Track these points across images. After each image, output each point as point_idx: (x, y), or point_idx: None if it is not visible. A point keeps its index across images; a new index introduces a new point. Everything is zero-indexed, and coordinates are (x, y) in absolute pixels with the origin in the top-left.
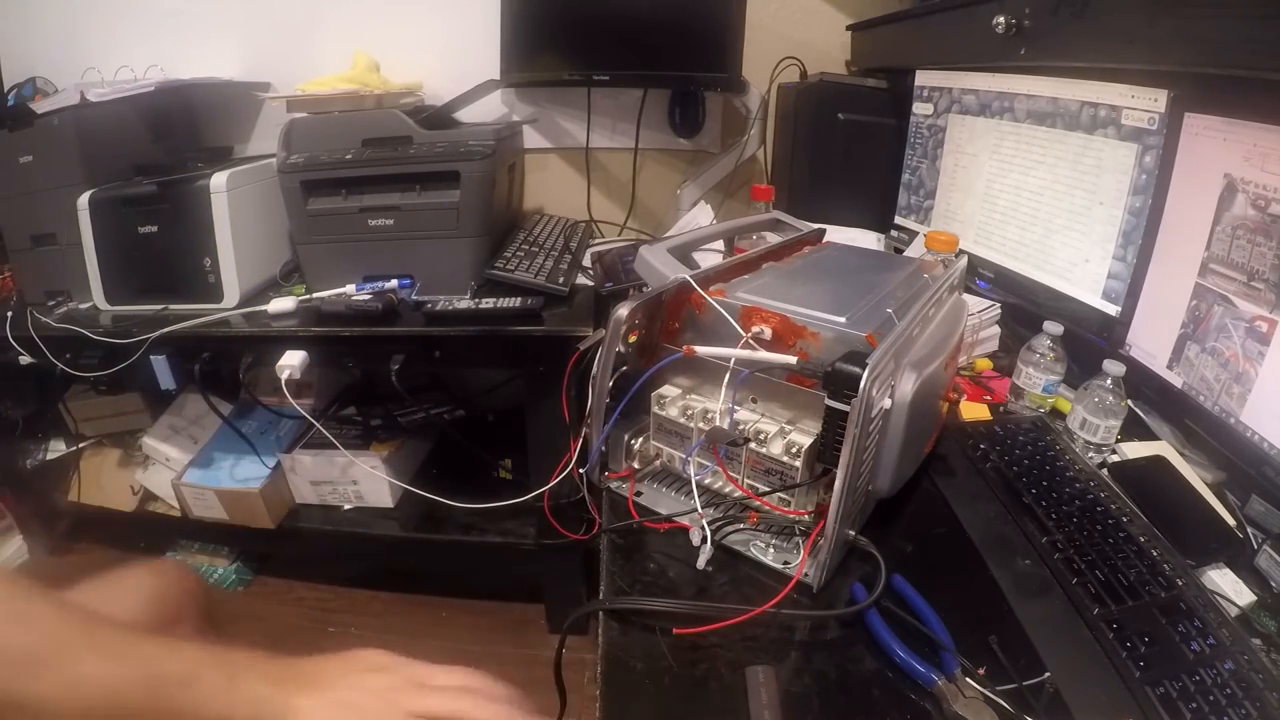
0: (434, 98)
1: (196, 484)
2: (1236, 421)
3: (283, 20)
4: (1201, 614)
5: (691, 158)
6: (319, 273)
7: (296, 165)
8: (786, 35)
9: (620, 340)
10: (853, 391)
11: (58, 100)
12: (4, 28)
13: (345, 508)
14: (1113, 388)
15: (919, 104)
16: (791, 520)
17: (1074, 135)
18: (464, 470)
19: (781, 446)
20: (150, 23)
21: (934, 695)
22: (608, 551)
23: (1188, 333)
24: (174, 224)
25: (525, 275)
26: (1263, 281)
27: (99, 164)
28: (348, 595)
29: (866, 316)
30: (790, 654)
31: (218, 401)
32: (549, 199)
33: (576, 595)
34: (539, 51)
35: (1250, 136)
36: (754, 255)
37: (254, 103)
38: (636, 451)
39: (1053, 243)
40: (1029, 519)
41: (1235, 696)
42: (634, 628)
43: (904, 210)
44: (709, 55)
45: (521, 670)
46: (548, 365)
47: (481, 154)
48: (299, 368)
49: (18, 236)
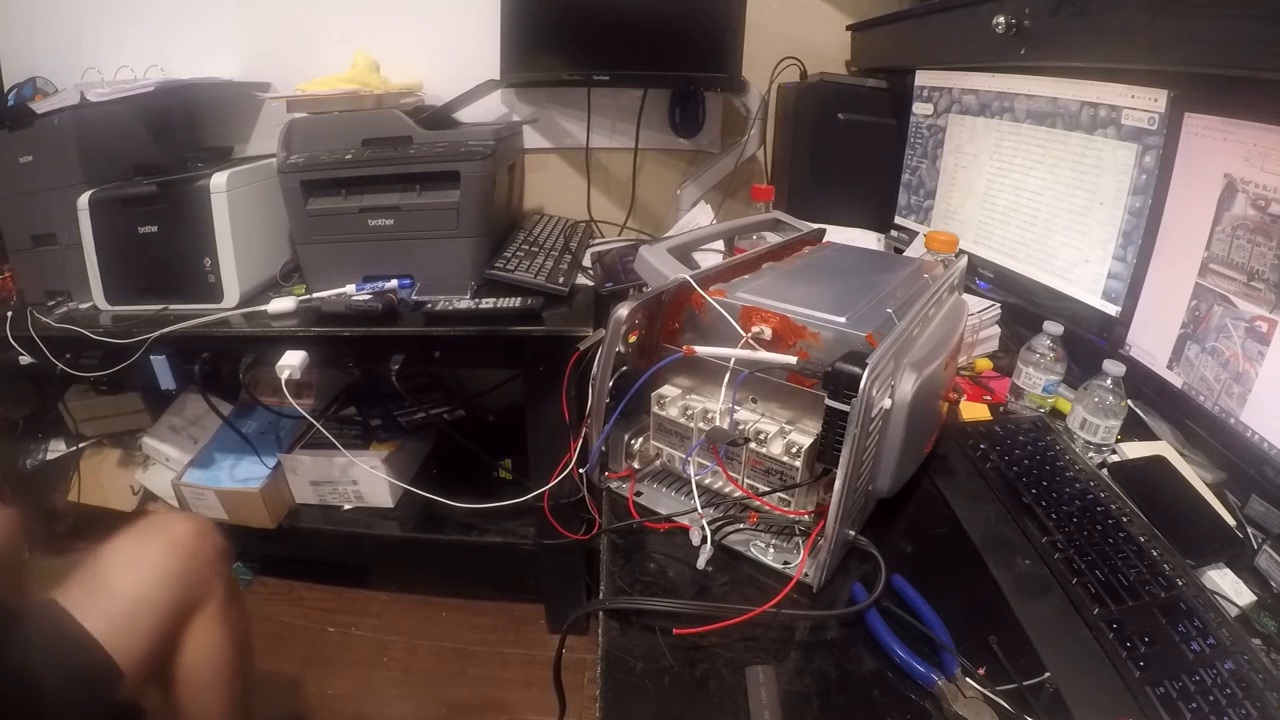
0: (434, 98)
1: (196, 484)
2: (1236, 421)
3: (283, 20)
4: (1201, 614)
5: (691, 158)
6: (319, 273)
7: (296, 165)
8: (786, 35)
9: (620, 340)
10: (853, 391)
11: (58, 100)
12: (4, 28)
13: (345, 508)
14: (1113, 388)
15: (919, 104)
16: (791, 520)
17: (1074, 135)
18: (464, 470)
19: (781, 446)
20: (150, 23)
21: (934, 695)
22: (608, 551)
23: (1188, 333)
24: (174, 224)
25: (525, 275)
26: (1263, 281)
27: (99, 164)
28: (348, 595)
29: (866, 316)
30: (790, 654)
31: (218, 401)
32: (549, 199)
33: (576, 595)
34: (539, 51)
35: (1250, 136)
36: (754, 255)
37: (254, 103)
38: (636, 451)
39: (1053, 243)
40: (1029, 519)
41: (1235, 696)
42: (634, 628)
43: (904, 210)
44: (709, 55)
45: (521, 670)
46: (548, 365)
47: (481, 154)
48: (299, 368)
49: (18, 236)
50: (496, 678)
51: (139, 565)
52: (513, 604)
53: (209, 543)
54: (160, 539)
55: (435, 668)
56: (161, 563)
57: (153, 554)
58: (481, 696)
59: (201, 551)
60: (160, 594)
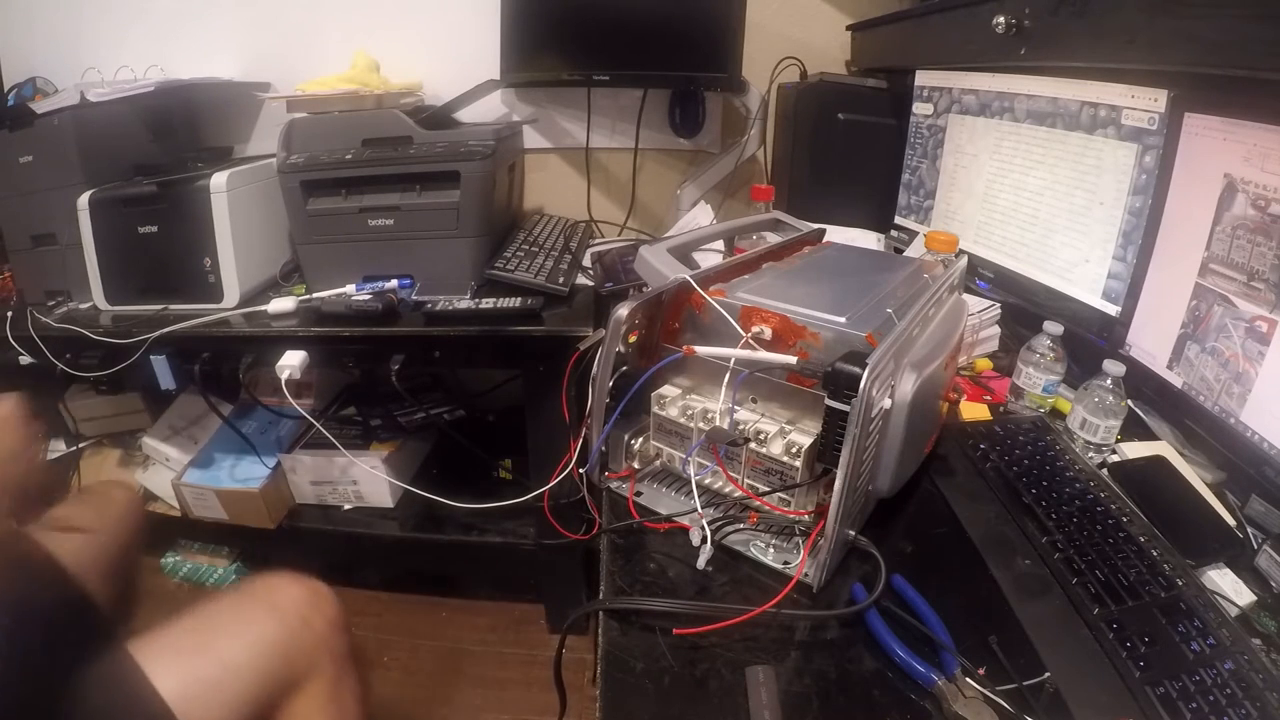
0: (434, 98)
1: (196, 484)
2: (1236, 421)
3: (283, 20)
4: (1201, 614)
5: (691, 158)
6: (319, 273)
7: (296, 165)
8: (786, 35)
9: (620, 340)
10: (853, 391)
11: (58, 100)
12: (4, 28)
13: (345, 508)
14: (1113, 388)
15: (919, 104)
16: (791, 520)
17: (1074, 135)
18: (464, 470)
19: (781, 446)
20: (150, 23)
21: (934, 695)
22: (608, 551)
23: (1188, 333)
24: (174, 224)
25: (525, 275)
26: (1263, 281)
27: (99, 164)
28: (348, 595)
29: (866, 316)
30: (790, 654)
31: (218, 401)
32: (549, 199)
33: (576, 595)
34: (539, 51)
35: (1250, 136)
36: (754, 255)
37: (254, 103)
38: (636, 451)
39: (1053, 243)
40: (1029, 519)
41: (1235, 696)
42: (634, 628)
43: (904, 210)
44: (709, 55)
45: (521, 670)
46: (548, 365)
47: (481, 154)
48: (299, 368)
49: (18, 236)
50: (496, 678)
51: (233, 627)
52: (513, 604)
53: (321, 611)
54: (264, 601)
55: (435, 668)
56: (261, 628)
57: (253, 617)
58: (481, 696)
59: (310, 621)
60: (254, 663)
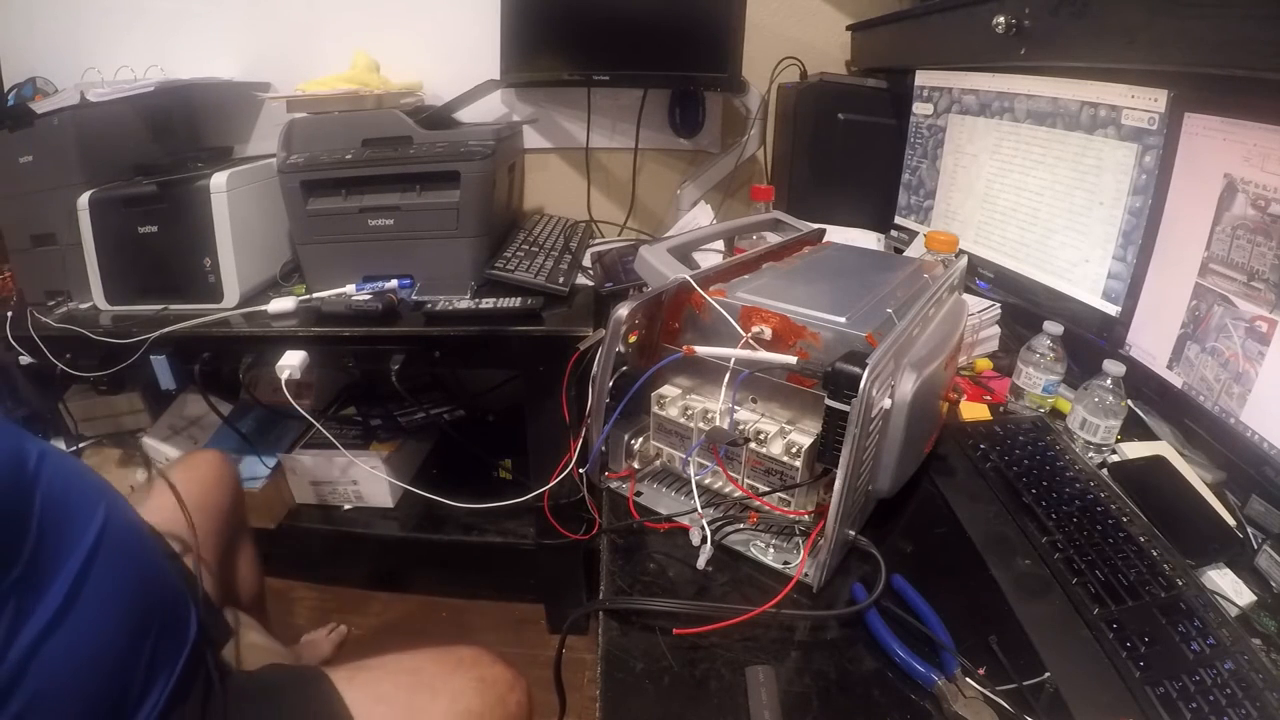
0: (434, 98)
1: None
2: (1236, 421)
3: (283, 20)
4: (1201, 614)
5: (691, 158)
6: (319, 273)
7: (296, 165)
8: (786, 35)
9: (620, 340)
10: (853, 391)
11: (58, 100)
12: (4, 28)
13: (345, 508)
14: (1113, 388)
15: (919, 104)
16: (791, 520)
17: (1074, 135)
18: (464, 470)
19: (781, 446)
20: (150, 23)
21: (934, 695)
22: (608, 551)
23: (1188, 333)
24: (174, 224)
25: (525, 275)
26: (1263, 281)
27: (99, 164)
28: (348, 595)
29: (866, 316)
30: (790, 654)
31: (218, 401)
32: (549, 199)
33: (576, 595)
34: (539, 51)
35: (1250, 136)
36: (754, 255)
37: (254, 103)
38: (636, 451)
39: (1053, 243)
40: (1029, 519)
41: (1235, 696)
42: (634, 628)
43: (904, 210)
44: (709, 55)
45: (521, 670)
46: (548, 365)
47: (481, 154)
48: (299, 368)
49: (18, 236)
50: None
51: (435, 688)
52: (513, 604)
53: (515, 699)
54: (470, 672)
55: None
56: (469, 702)
57: (457, 684)
58: None
59: (506, 701)
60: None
